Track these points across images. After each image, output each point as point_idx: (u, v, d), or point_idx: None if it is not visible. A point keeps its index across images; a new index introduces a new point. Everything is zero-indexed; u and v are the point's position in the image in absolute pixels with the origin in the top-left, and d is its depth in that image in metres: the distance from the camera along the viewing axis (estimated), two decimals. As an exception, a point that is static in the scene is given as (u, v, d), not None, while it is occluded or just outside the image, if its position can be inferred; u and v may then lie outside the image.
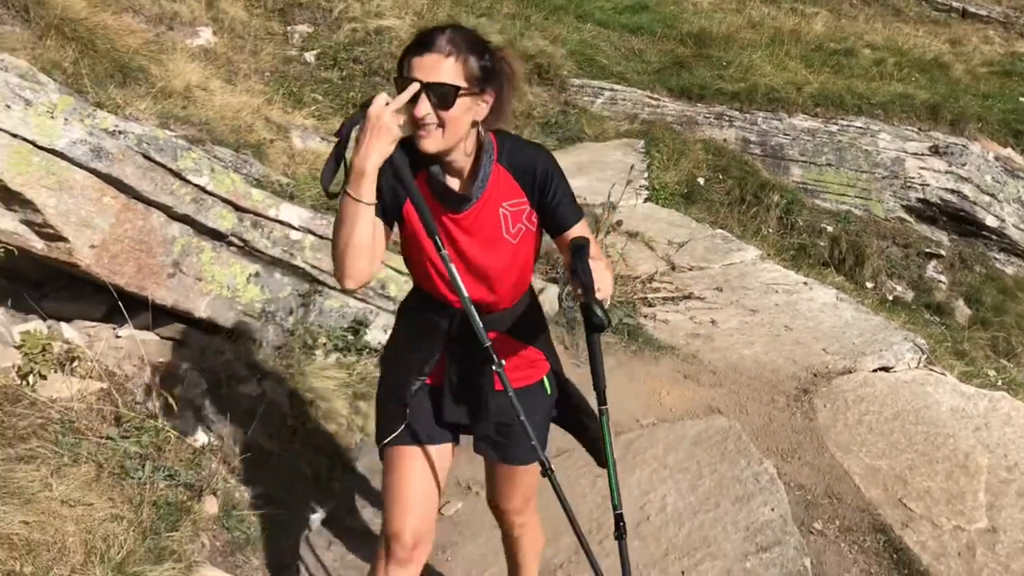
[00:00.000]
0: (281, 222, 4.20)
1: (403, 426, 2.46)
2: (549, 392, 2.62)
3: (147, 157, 3.65)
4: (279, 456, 3.75)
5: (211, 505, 3.31)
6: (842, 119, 9.58)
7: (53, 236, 3.45)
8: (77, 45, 5.14)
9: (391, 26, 9.45)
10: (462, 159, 2.24)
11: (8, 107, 3.29)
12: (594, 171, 8.06)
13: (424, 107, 2.07)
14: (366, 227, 2.13)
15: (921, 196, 9.29)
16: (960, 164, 9.31)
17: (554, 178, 2.29)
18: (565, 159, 8.40)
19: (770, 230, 8.20)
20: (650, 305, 5.74)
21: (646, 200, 7.78)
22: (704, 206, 8.18)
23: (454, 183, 2.28)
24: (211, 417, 3.69)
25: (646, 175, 8.01)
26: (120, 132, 3.63)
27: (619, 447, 4.26)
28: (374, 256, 2.18)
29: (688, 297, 5.91)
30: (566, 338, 5.26)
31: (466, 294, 2.23)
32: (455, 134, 2.15)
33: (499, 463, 2.67)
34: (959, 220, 9.40)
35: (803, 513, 3.92)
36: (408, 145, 2.20)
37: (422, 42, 2.10)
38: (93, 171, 3.45)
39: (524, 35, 10.25)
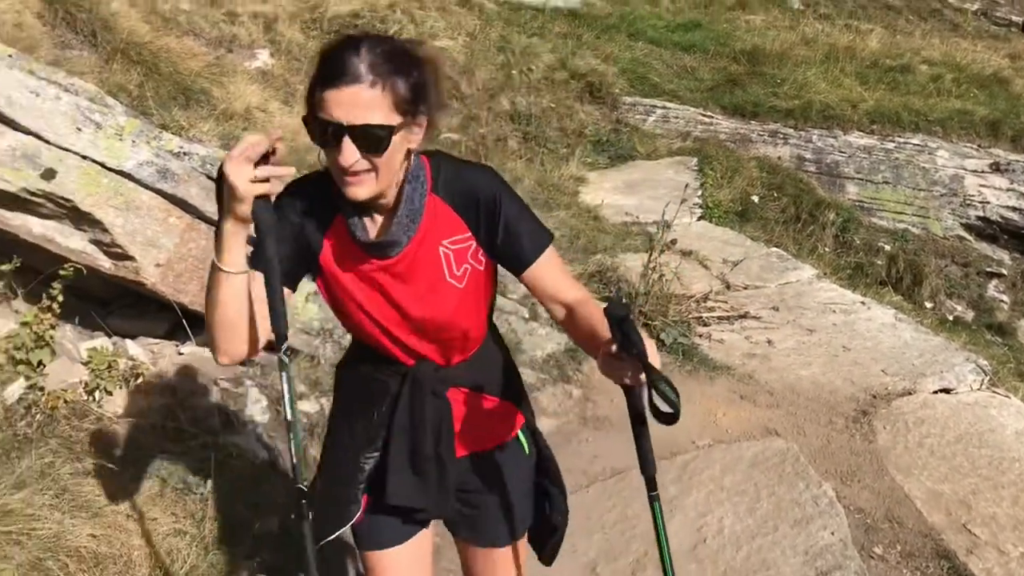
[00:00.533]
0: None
1: (365, 519, 2.11)
2: (527, 451, 2.20)
3: (210, 178, 3.72)
4: (336, 473, 3.78)
5: (271, 522, 3.35)
6: (899, 136, 9.45)
7: (120, 255, 3.53)
8: (142, 68, 5.28)
9: (444, 47, 9.56)
10: (390, 194, 1.84)
11: (79, 130, 3.38)
12: (646, 189, 8.05)
13: (350, 154, 1.69)
14: (236, 301, 1.77)
15: (981, 214, 9.11)
16: (1022, 181, 9.12)
17: (502, 203, 1.88)
18: (617, 177, 8.41)
19: (826, 249, 8.10)
20: (705, 324, 5.69)
21: (700, 218, 7.74)
22: (759, 224, 8.11)
23: (378, 223, 1.88)
24: (271, 434, 3.74)
25: (699, 193, 7.97)
26: (185, 153, 3.72)
27: (675, 468, 4.23)
28: (254, 335, 1.82)
29: (743, 316, 5.86)
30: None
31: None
32: (389, 175, 1.78)
33: (472, 544, 2.23)
34: (1021, 238, 9.19)
35: (863, 537, 3.85)
36: (315, 181, 1.89)
37: (336, 70, 1.67)
38: (159, 192, 3.53)
39: (576, 54, 10.30)
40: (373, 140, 1.69)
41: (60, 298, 3.61)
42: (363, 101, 1.67)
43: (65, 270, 3.53)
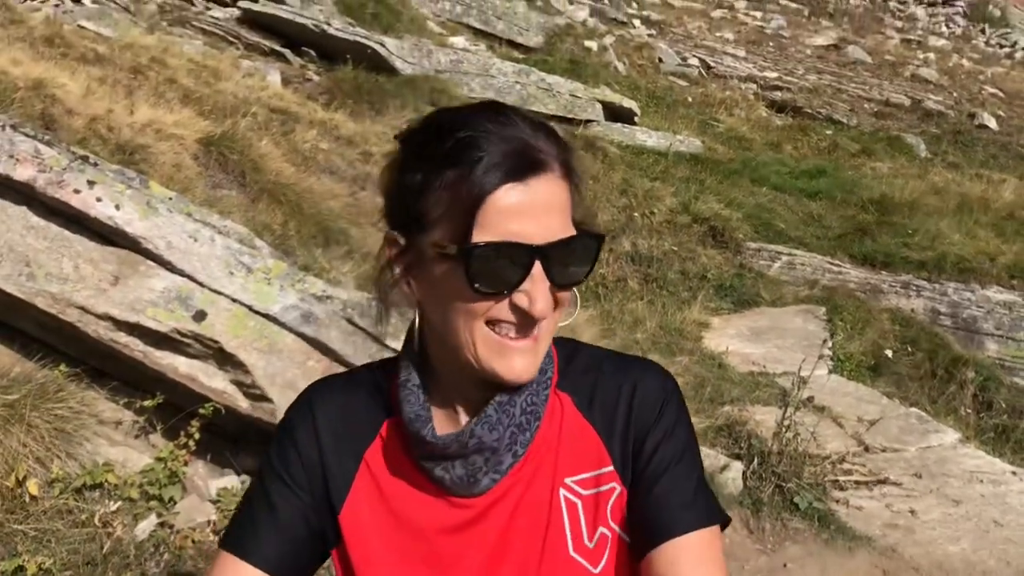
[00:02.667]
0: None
1: None
2: None
3: (350, 322, 3.76)
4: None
5: None
6: (1043, 292, 9.01)
7: (259, 396, 3.56)
8: (286, 208, 5.48)
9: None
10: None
11: (232, 273, 3.48)
12: (773, 338, 7.83)
13: (545, 293, 1.04)
14: None
15: None
16: None
17: (663, 423, 1.15)
18: (741, 323, 8.23)
19: (967, 410, 7.65)
20: (842, 489, 5.37)
21: (830, 372, 7.44)
22: (892, 380, 7.74)
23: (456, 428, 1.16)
24: None
25: (830, 345, 7.69)
26: (328, 297, 3.77)
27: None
28: None
29: (883, 482, 5.51)
30: (751, 520, 4.97)
31: None
32: (552, 333, 1.13)
33: None
34: None
35: None
36: (354, 384, 1.24)
37: (521, 157, 1.03)
38: (301, 335, 3.57)
39: (698, 198, 10.30)
40: (573, 262, 1.07)
41: (197, 436, 3.65)
42: (558, 201, 1.05)
43: (205, 408, 3.59)
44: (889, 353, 8.07)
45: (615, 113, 12.30)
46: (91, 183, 3.34)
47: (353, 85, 10.41)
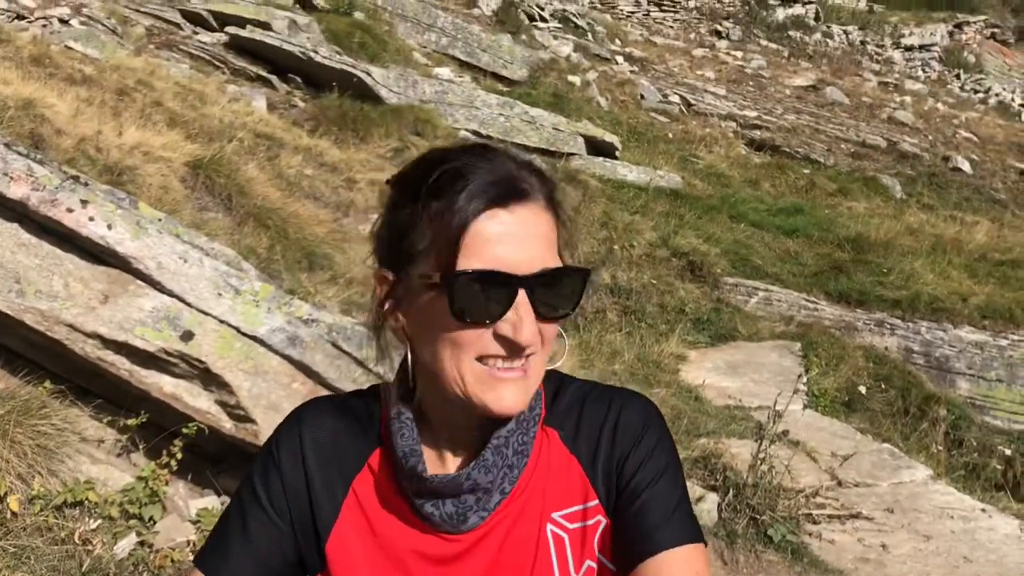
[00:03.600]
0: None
1: None
2: None
3: (335, 345, 3.80)
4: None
5: None
6: (1013, 333, 9.18)
7: (243, 417, 3.59)
8: (271, 232, 5.53)
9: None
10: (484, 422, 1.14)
11: (220, 295, 3.52)
12: (749, 372, 7.93)
13: (531, 323, 1.05)
14: None
15: (1104, 419, 8.67)
16: None
17: (644, 448, 1.16)
18: (718, 357, 8.32)
19: (939, 447, 7.76)
20: (815, 522, 5.43)
21: (805, 407, 7.54)
22: (866, 416, 7.85)
23: (445, 468, 1.17)
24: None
25: (805, 380, 7.80)
26: (313, 320, 3.81)
27: None
28: None
29: (856, 516, 5.58)
30: (725, 552, 5.02)
31: None
32: (542, 370, 1.13)
33: None
34: None
35: None
36: (341, 409, 1.22)
37: (499, 173, 1.06)
38: (287, 357, 3.61)
39: (677, 233, 10.43)
40: (559, 294, 1.07)
41: (179, 455, 3.67)
42: (541, 231, 1.06)
43: (188, 428, 3.61)
44: (863, 390, 8.19)
45: (597, 147, 12.46)
46: (84, 202, 3.39)
47: (338, 112, 10.50)
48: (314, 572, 1.18)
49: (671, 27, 24.40)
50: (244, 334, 3.55)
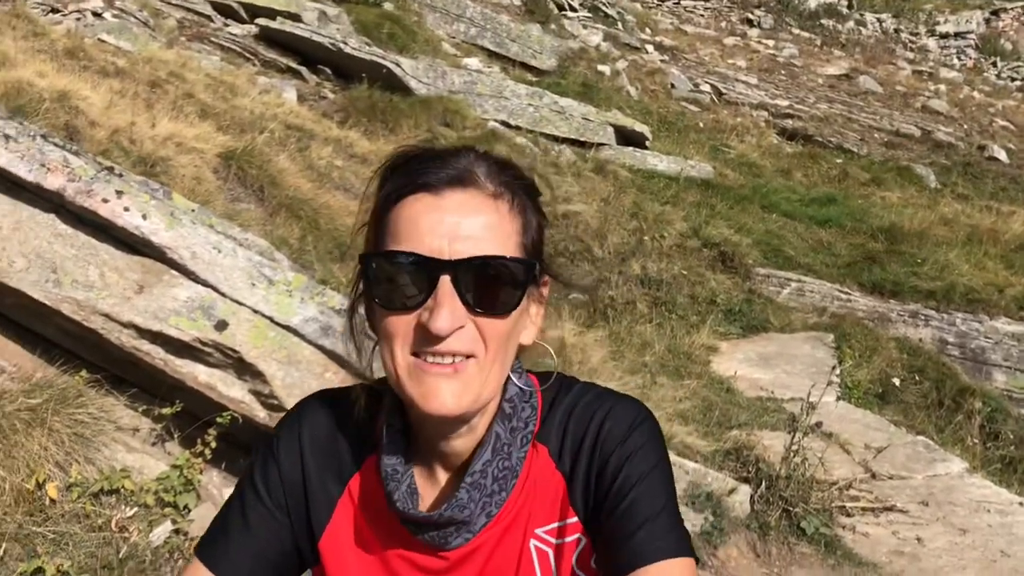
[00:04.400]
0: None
1: None
2: None
3: (368, 335, 3.80)
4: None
5: None
6: (1051, 325, 9.03)
7: (276, 407, 3.61)
8: (303, 223, 5.55)
9: (578, 211, 9.78)
10: (481, 425, 1.11)
11: (253, 285, 3.53)
12: (781, 363, 7.86)
13: (451, 312, 0.99)
14: None
15: None
16: None
17: (628, 452, 1.09)
18: (750, 348, 8.26)
19: (975, 440, 7.66)
20: (848, 515, 5.39)
21: (838, 398, 7.47)
22: (899, 408, 7.76)
23: (438, 484, 1.14)
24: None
25: (838, 372, 7.72)
26: (345, 310, 3.82)
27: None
28: None
29: (890, 509, 5.52)
30: (757, 544, 4.99)
31: None
32: (501, 368, 1.07)
33: None
34: None
35: None
36: (336, 404, 1.21)
37: (432, 168, 1.03)
38: (320, 347, 3.62)
39: (708, 223, 10.36)
40: (496, 286, 0.99)
41: (213, 444, 3.69)
42: (481, 219, 0.99)
43: (222, 417, 3.63)
44: (897, 381, 8.09)
45: (627, 137, 12.40)
46: (119, 193, 3.41)
47: (368, 104, 10.52)
48: (310, 566, 1.20)
49: (702, 15, 24.20)
50: (278, 324, 3.56)
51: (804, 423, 5.17)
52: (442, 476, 1.13)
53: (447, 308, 0.98)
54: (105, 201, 3.37)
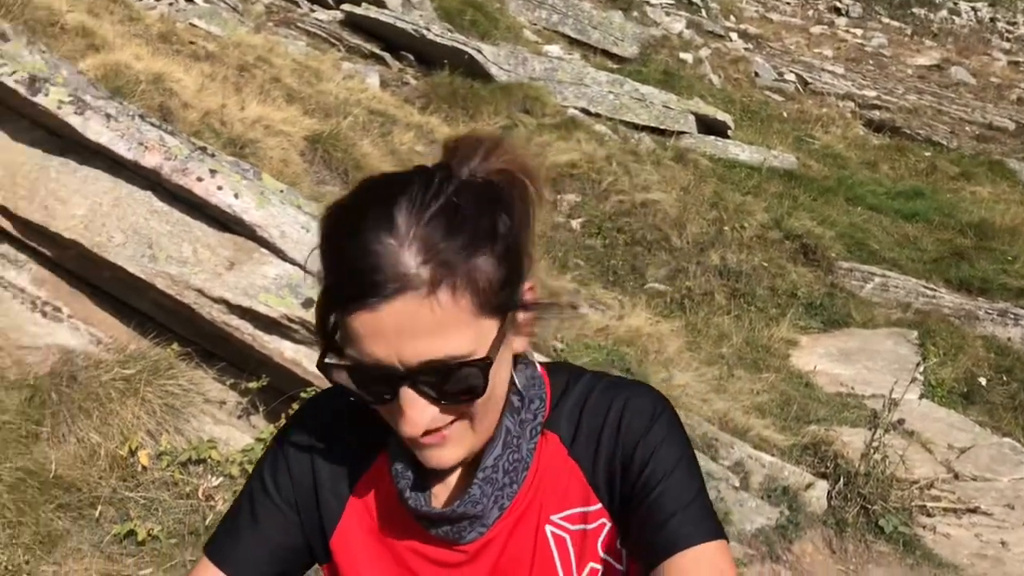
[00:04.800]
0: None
1: None
2: None
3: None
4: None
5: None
6: None
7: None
8: (385, 206, 5.62)
9: (657, 199, 9.71)
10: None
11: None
12: (863, 359, 7.70)
13: (418, 415, 0.96)
14: None
15: None
16: None
17: (653, 441, 1.07)
18: (831, 343, 8.11)
19: (1065, 444, 7.40)
20: (929, 515, 5.27)
21: (921, 397, 7.29)
22: (985, 408, 7.52)
23: (450, 481, 1.12)
24: None
25: (921, 369, 7.53)
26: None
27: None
28: None
29: (973, 511, 5.38)
30: (834, 540, 4.92)
31: None
32: (491, 417, 1.05)
33: None
34: None
35: None
36: (338, 402, 1.16)
37: (363, 277, 0.90)
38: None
39: (791, 214, 10.17)
40: (455, 385, 0.95)
41: (297, 419, 3.79)
42: (424, 324, 0.90)
43: (307, 393, 3.72)
44: (983, 381, 7.85)
45: (708, 126, 12.25)
46: (212, 172, 3.52)
47: (449, 90, 10.60)
48: (321, 563, 1.19)
49: (788, 3, 23.70)
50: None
51: (885, 420, 5.06)
52: (445, 478, 1.11)
53: (413, 414, 0.96)
54: (199, 180, 3.48)
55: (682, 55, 15.24)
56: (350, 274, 0.91)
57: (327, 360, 0.96)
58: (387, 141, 7.83)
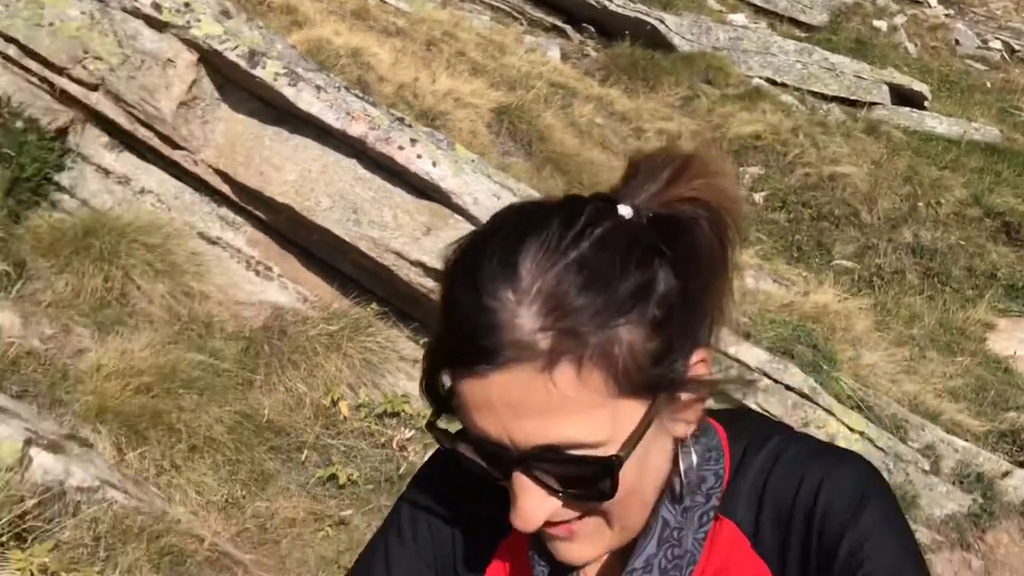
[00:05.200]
0: (739, 361, 4.25)
1: None
2: None
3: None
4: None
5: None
6: None
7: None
8: (568, 178, 5.72)
9: (846, 173, 9.35)
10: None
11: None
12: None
13: (535, 505, 0.80)
14: None
15: None
16: None
17: (865, 539, 0.82)
18: (1036, 329, 7.60)
19: None
20: None
21: None
22: None
23: (593, 567, 0.93)
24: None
25: None
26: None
27: None
28: None
29: None
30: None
31: None
32: (635, 518, 0.85)
33: None
34: None
35: None
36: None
37: (470, 336, 0.75)
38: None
39: (993, 191, 9.56)
40: (577, 479, 0.79)
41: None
42: (537, 402, 0.74)
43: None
44: None
45: (903, 97, 11.64)
46: (412, 141, 3.70)
47: (629, 61, 10.55)
48: None
49: (995, -35, 22.05)
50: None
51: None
52: (600, 560, 0.91)
53: (526, 504, 0.79)
54: (400, 148, 3.66)
55: (875, 22, 14.50)
56: (459, 331, 0.76)
57: (439, 424, 0.83)
58: (567, 113, 7.91)
